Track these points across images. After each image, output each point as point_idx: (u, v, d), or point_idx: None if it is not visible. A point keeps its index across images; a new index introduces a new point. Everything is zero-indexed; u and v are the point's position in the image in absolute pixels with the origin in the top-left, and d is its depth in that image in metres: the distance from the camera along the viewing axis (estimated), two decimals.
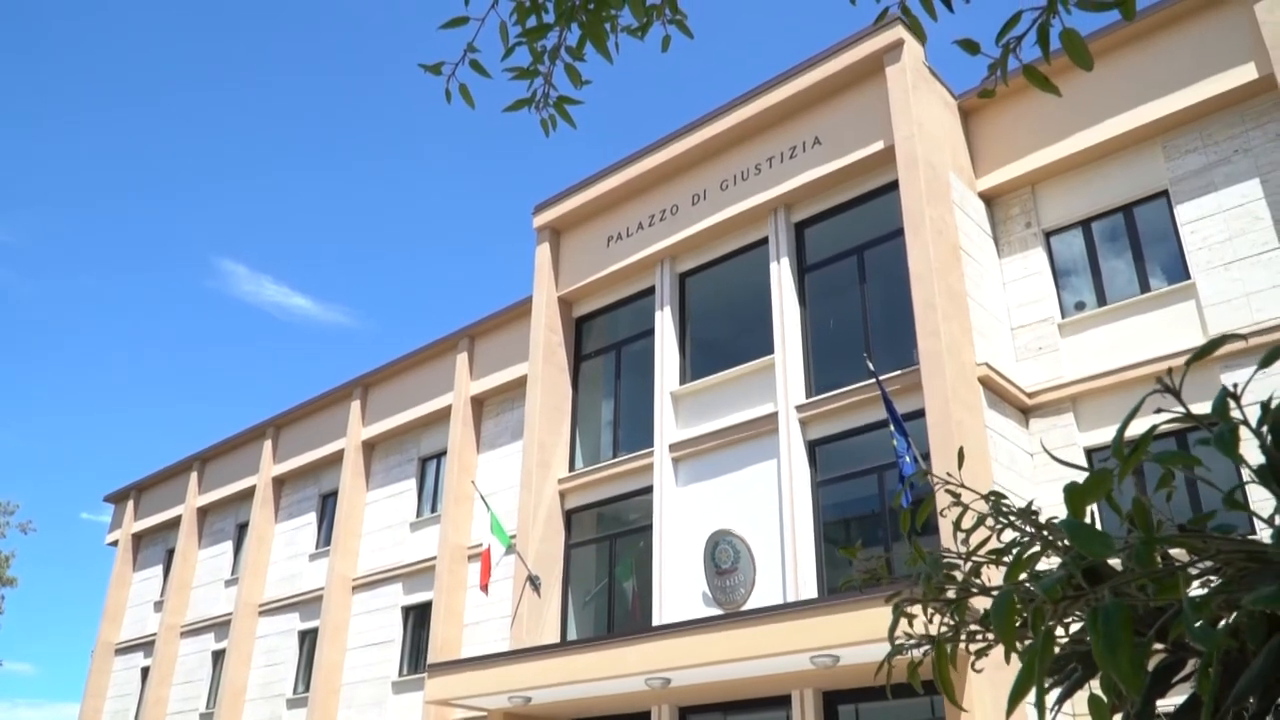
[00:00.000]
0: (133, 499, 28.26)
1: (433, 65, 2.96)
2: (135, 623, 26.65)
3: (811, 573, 12.67)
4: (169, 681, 23.98)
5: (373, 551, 20.45)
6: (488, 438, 19.26)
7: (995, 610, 1.11)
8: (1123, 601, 0.97)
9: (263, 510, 23.28)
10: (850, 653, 10.24)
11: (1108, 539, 1.06)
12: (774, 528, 13.26)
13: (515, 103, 3.06)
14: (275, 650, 21.67)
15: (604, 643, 12.34)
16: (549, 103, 3.08)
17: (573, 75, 2.98)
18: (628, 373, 16.99)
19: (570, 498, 16.48)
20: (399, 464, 20.95)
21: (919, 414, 11.94)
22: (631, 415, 16.51)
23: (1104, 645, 0.95)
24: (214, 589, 24.40)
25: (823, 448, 13.44)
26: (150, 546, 27.65)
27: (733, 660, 10.75)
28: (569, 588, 16.02)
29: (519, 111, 3.07)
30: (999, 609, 1.10)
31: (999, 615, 1.10)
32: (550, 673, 12.53)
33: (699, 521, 14.22)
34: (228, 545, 24.79)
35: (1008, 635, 1.10)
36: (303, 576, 21.91)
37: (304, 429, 23.43)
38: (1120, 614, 0.97)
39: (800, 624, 10.26)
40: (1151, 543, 1.06)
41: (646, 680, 11.91)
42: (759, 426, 13.93)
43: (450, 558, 18.07)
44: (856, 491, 13.23)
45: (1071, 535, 1.07)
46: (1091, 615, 0.98)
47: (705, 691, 12.64)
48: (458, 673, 13.79)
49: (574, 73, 2.97)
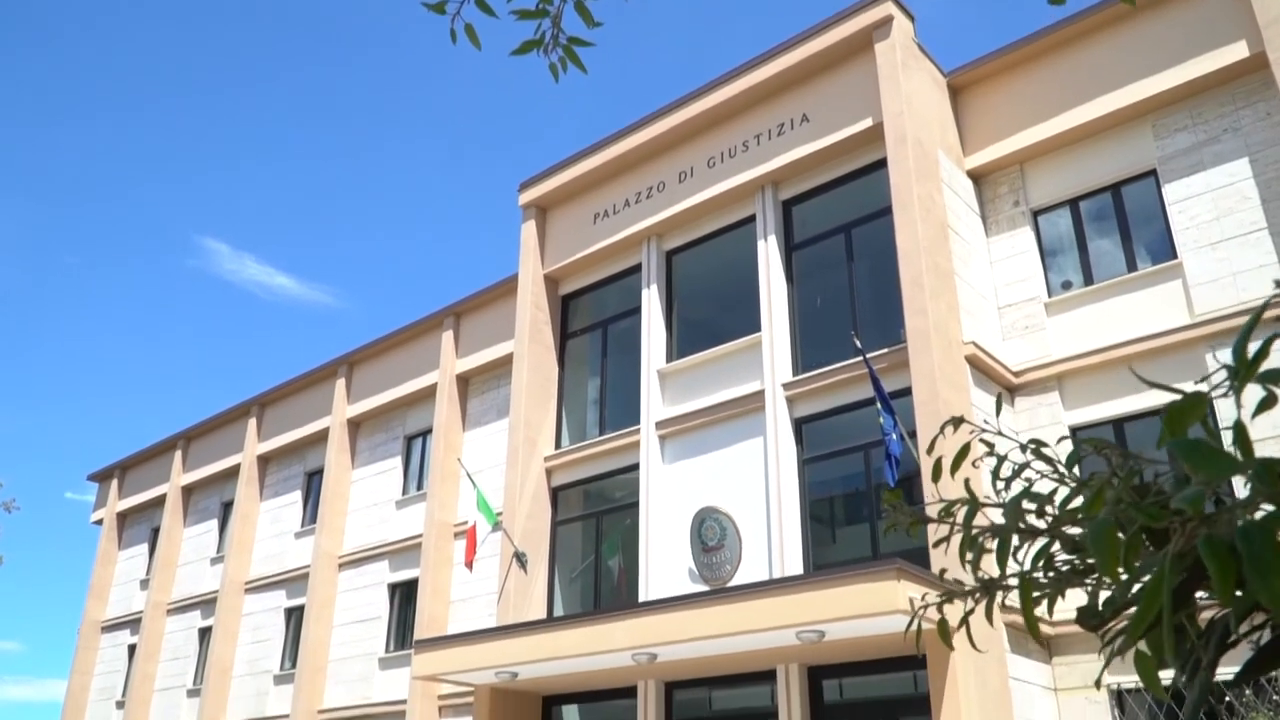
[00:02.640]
0: (117, 478, 28.14)
1: (436, 4, 2.87)
2: (121, 600, 26.59)
3: (797, 549, 12.71)
4: (156, 658, 23.96)
5: (358, 529, 20.42)
6: (473, 415, 19.22)
7: (1094, 538, 1.01)
8: (1272, 519, 0.88)
9: (248, 488, 23.21)
10: (835, 628, 10.28)
11: (1232, 459, 0.96)
12: (760, 505, 13.28)
13: (523, 44, 2.96)
14: (262, 627, 21.66)
15: (591, 618, 12.36)
16: (558, 44, 2.99)
17: (584, 13, 2.88)
18: (614, 350, 16.95)
19: (556, 475, 16.47)
20: (384, 442, 20.90)
21: (905, 392, 11.95)
22: (618, 393, 16.49)
23: (1252, 567, 0.86)
24: (200, 567, 24.35)
25: (809, 425, 13.45)
26: (135, 525, 27.56)
27: (719, 635, 10.78)
28: (555, 565, 16.04)
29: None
30: (1098, 536, 1.01)
31: (1099, 543, 1.00)
32: (537, 648, 12.55)
33: (685, 498, 14.24)
34: (213, 523, 24.72)
35: (1110, 563, 1.00)
36: (288, 554, 21.88)
37: (288, 407, 23.34)
38: (1268, 532, 0.87)
39: (786, 600, 10.29)
40: (1273, 463, 0.95)
41: (633, 655, 11.94)
42: (745, 404, 13.93)
43: (436, 535, 18.06)
44: (843, 469, 13.26)
45: (1187, 456, 0.96)
46: (1242, 532, 0.88)
47: (691, 666, 12.69)
48: (445, 648, 13.80)
49: (585, 11, 2.88)
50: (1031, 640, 11.44)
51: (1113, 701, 11.14)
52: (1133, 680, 10.85)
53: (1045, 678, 11.49)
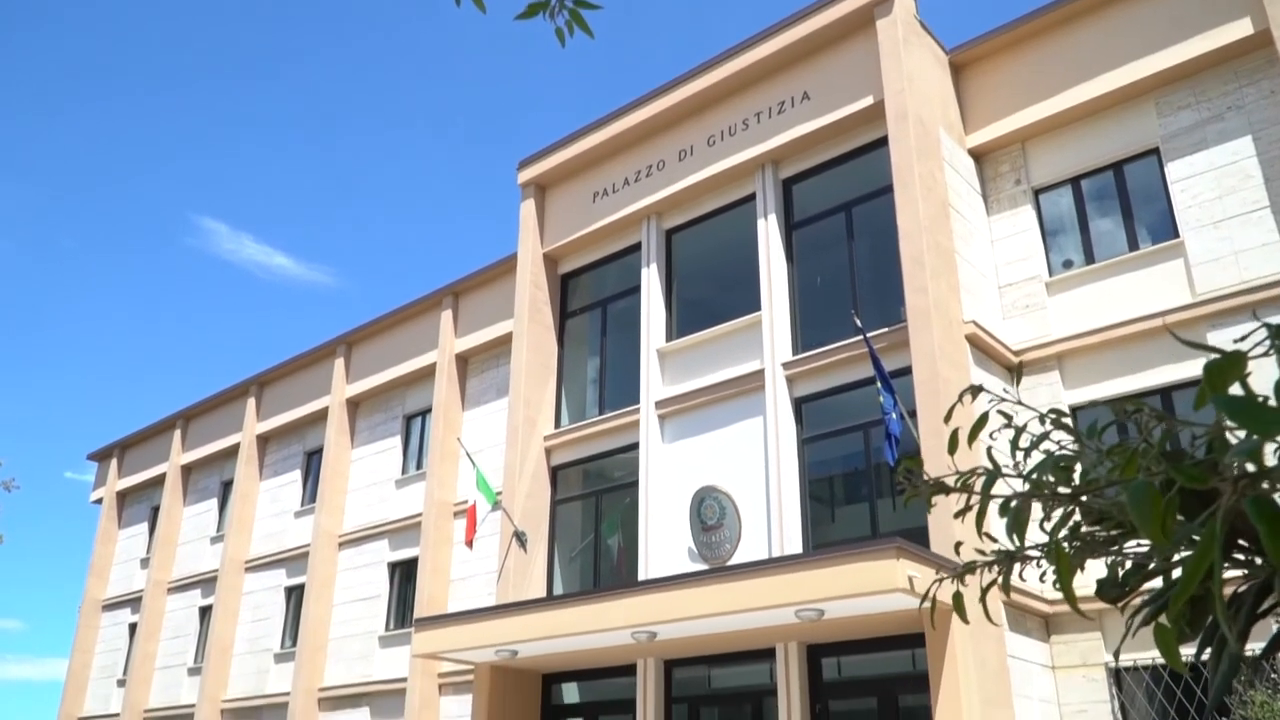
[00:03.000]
0: (116, 457, 28.15)
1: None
2: (122, 579, 26.66)
3: (796, 528, 12.72)
4: (157, 637, 24.05)
5: (358, 508, 20.45)
6: (473, 395, 19.20)
7: (1134, 500, 0.96)
8: None
9: (247, 467, 23.22)
10: (834, 606, 10.30)
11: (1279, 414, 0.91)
12: (760, 484, 13.29)
13: (529, 8, 2.92)
14: (262, 606, 21.72)
15: (590, 597, 12.38)
16: (564, 7, 2.93)
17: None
18: (614, 330, 16.91)
19: (556, 454, 16.47)
20: (384, 421, 20.89)
21: (905, 371, 11.93)
22: (617, 372, 16.46)
23: None
24: (200, 545, 24.39)
25: (809, 405, 13.44)
26: (135, 504, 27.60)
27: (719, 614, 10.80)
28: (555, 544, 16.07)
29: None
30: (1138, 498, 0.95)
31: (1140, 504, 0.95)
32: (537, 626, 12.58)
33: (685, 478, 14.24)
34: (213, 502, 24.75)
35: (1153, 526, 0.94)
36: (288, 533, 21.91)
37: (287, 387, 23.32)
38: None
39: (785, 578, 10.30)
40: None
41: (633, 634, 11.97)
42: (745, 383, 13.91)
43: (436, 514, 18.08)
44: (842, 448, 13.26)
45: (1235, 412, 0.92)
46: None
47: (691, 645, 12.73)
48: (445, 627, 13.83)
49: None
50: (1030, 618, 11.47)
51: (1111, 680, 11.18)
52: (1131, 659, 10.89)
53: (1043, 656, 11.53)
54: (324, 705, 18.99)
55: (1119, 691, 11.14)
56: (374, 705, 18.13)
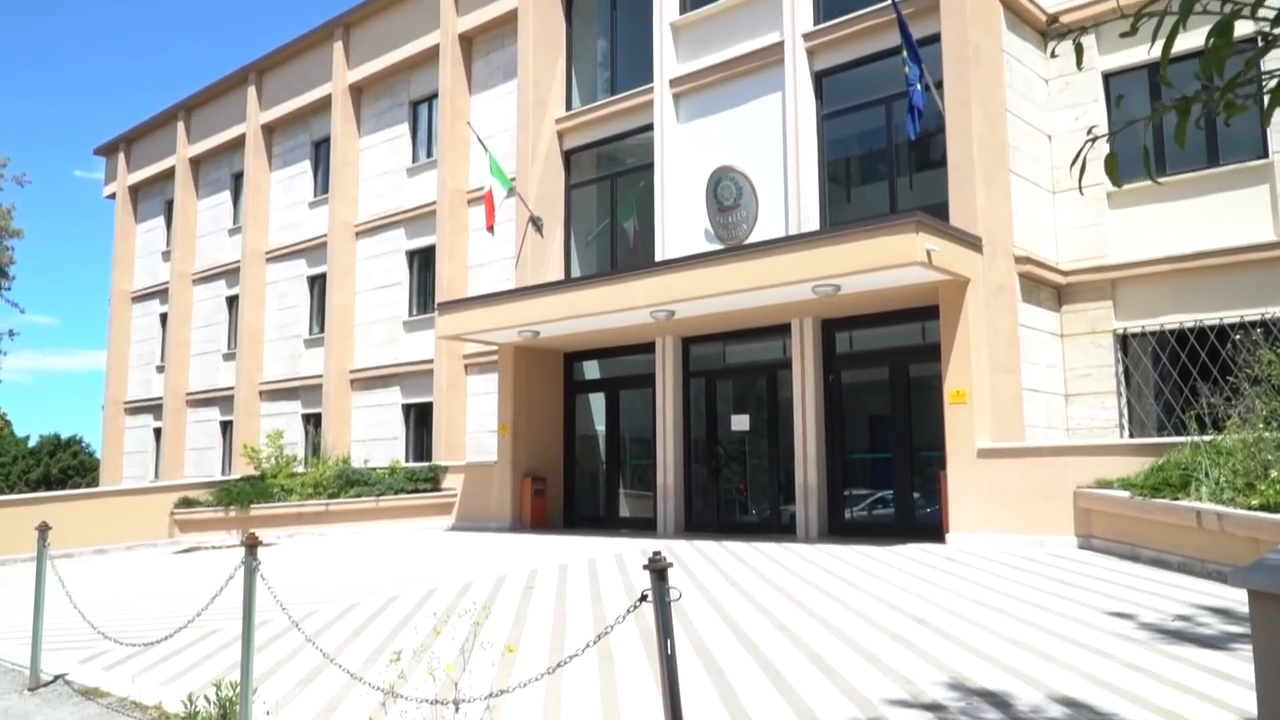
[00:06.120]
0: (123, 151, 27.77)
1: None
2: (146, 272, 27.17)
3: (814, 207, 12.67)
4: (188, 325, 24.87)
5: (372, 198, 20.39)
6: (479, 79, 18.52)
7: None
8: None
9: (255, 159, 22.94)
10: (852, 281, 10.46)
11: None
12: (777, 163, 13.09)
13: None
14: (287, 295, 22.26)
15: (610, 278, 12.59)
16: None
17: None
18: (624, 3, 16.00)
19: (568, 138, 16.15)
20: (389, 108, 20.33)
21: (934, 39, 11.38)
22: (629, 49, 15.77)
23: None
24: (218, 238, 24.63)
25: (830, 78, 12.94)
26: (149, 198, 27.57)
27: (738, 290, 11.00)
28: (571, 228, 16.14)
29: None
30: None
31: None
32: (558, 307, 12.91)
33: (701, 159, 14.02)
34: (225, 195, 24.70)
35: None
36: (304, 224, 22.02)
37: (288, 73, 22.51)
38: None
39: (804, 255, 10.39)
40: None
41: (651, 313, 12.29)
42: (764, 57, 13.33)
43: (450, 202, 18.03)
44: (862, 124, 12.91)
45: None
46: None
47: (708, 322, 13.09)
48: (467, 310, 14.21)
49: None
50: (1043, 289, 11.67)
51: (1117, 344, 11.56)
52: (1139, 325, 11.20)
53: (1053, 324, 11.85)
54: (356, 385, 19.95)
55: (1124, 355, 11.55)
56: (404, 385, 19.02)
